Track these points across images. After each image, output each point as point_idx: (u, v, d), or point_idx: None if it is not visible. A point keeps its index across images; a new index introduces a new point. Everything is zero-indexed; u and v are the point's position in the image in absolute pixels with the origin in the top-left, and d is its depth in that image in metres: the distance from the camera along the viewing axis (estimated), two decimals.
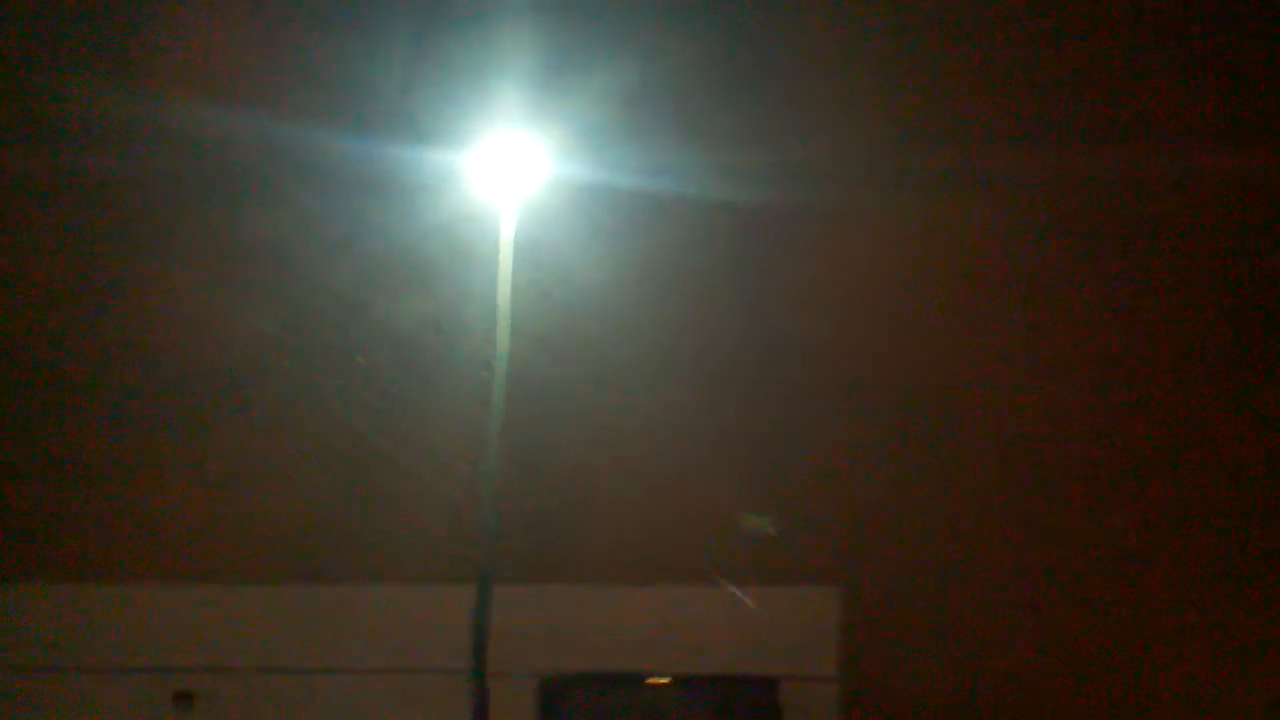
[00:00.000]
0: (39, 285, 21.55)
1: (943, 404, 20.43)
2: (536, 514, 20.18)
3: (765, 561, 20.16)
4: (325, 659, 20.13)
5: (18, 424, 21.35)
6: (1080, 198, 20.60)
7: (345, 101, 20.82)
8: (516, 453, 17.72)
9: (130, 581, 20.65)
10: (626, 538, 20.49)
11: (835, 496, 20.27)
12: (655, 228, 20.63)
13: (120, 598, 20.58)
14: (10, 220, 21.66)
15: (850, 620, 19.86)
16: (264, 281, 21.15)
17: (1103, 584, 19.74)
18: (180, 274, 21.45)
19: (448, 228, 19.25)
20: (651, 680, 20.50)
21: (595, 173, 19.43)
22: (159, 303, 21.52)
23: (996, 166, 20.27)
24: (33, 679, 20.15)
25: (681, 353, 20.85)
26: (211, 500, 20.96)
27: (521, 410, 17.53)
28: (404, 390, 20.83)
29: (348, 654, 20.13)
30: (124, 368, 21.33)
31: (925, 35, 21.23)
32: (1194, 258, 20.60)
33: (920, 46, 21.25)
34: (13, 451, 21.23)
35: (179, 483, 21.04)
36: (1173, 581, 19.64)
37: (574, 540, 20.55)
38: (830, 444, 20.49)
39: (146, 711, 20.03)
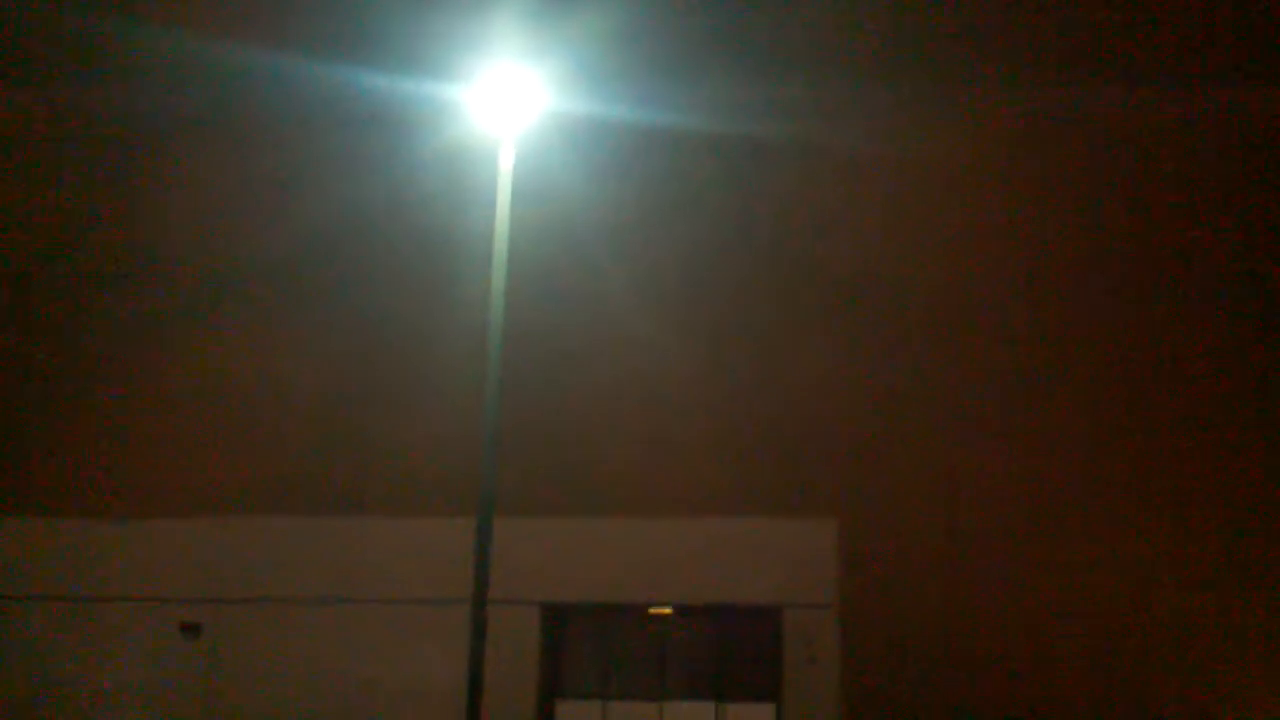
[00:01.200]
0: (44, 226, 21.72)
1: (940, 337, 20.49)
2: (538, 446, 20.33)
3: (765, 494, 20.31)
4: (330, 590, 20.41)
5: (30, 363, 21.56)
6: (1077, 136, 20.55)
7: (344, 35, 20.78)
8: (517, 386, 17.78)
9: (138, 514, 20.92)
10: (628, 470, 20.61)
11: (833, 428, 20.38)
12: (652, 159, 20.66)
13: (128, 530, 20.85)
14: (17, 154, 21.76)
15: (849, 550, 20.01)
16: (266, 215, 21.25)
17: (1096, 515, 19.83)
18: (184, 205, 21.58)
19: (446, 161, 19.27)
20: (654, 610, 20.76)
21: (593, 106, 19.42)
22: (161, 235, 21.67)
23: (988, 103, 20.27)
24: (43, 608, 20.53)
25: (678, 285, 20.91)
26: (218, 434, 21.17)
27: (521, 343, 17.60)
28: (404, 325, 20.93)
29: (352, 585, 20.41)
30: (126, 301, 21.50)
31: None
32: (1196, 196, 20.55)
33: None
34: (25, 390, 21.46)
35: (186, 417, 21.26)
36: (1168, 511, 19.76)
37: (576, 473, 20.67)
38: (827, 376, 20.58)
39: (154, 641, 20.32)
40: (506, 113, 16.47)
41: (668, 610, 20.74)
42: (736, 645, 20.64)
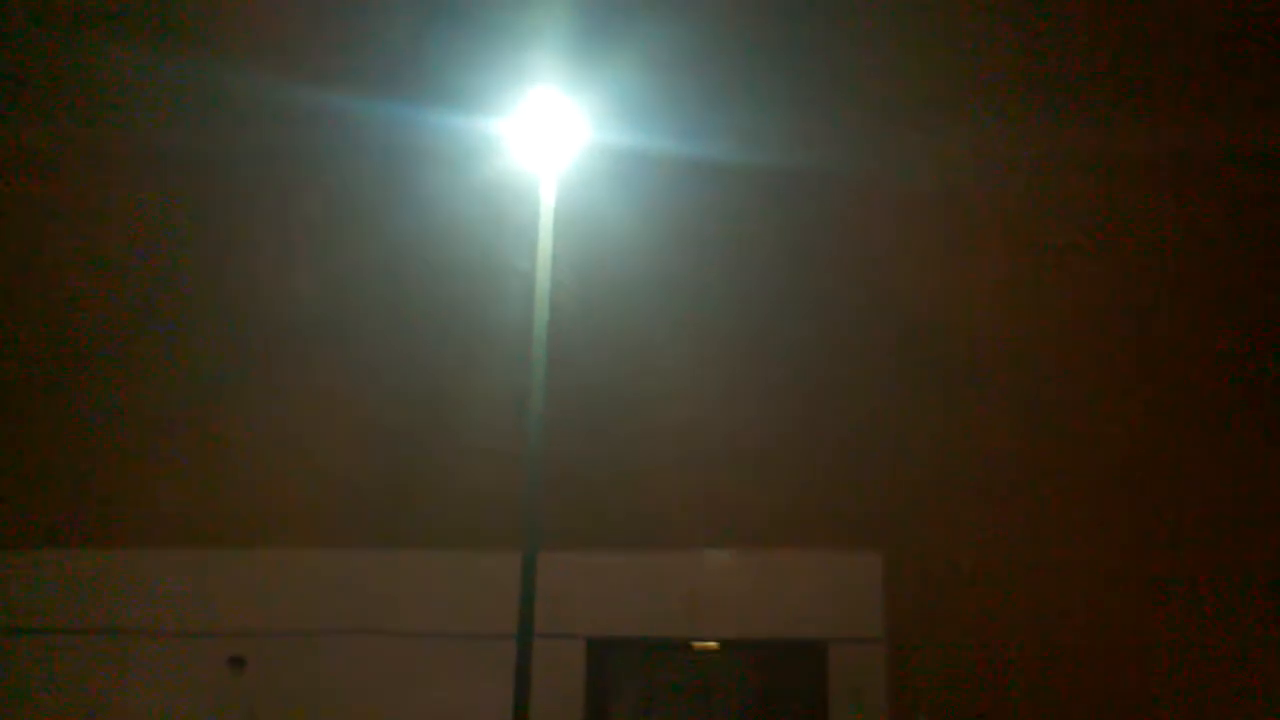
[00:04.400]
0: (93, 264, 21.92)
1: (992, 374, 20.25)
2: (582, 481, 20.26)
3: (810, 526, 20.13)
4: (375, 623, 20.38)
5: (70, 387, 21.73)
6: (1149, 173, 20.25)
7: (382, 68, 20.88)
8: (560, 420, 17.74)
9: (183, 546, 20.97)
10: (672, 503, 20.48)
11: (878, 459, 20.17)
12: (696, 192, 20.56)
13: (173, 562, 20.90)
14: (34, 190, 22.01)
15: (895, 583, 19.79)
16: (305, 250, 21.37)
17: (1137, 545, 19.50)
18: (224, 242, 21.75)
19: (487, 194, 19.31)
20: (699, 645, 20.59)
21: (637, 138, 19.37)
22: (200, 269, 21.81)
23: (1027, 134, 20.05)
24: (87, 642, 20.57)
25: (722, 317, 20.80)
26: (263, 466, 21.24)
27: (564, 376, 17.54)
28: (447, 358, 20.95)
29: (397, 618, 20.39)
30: (166, 333, 21.66)
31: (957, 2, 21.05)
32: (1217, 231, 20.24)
33: (952, 13, 21.01)
34: (64, 415, 21.62)
35: (230, 448, 21.34)
36: (1208, 529, 19.40)
37: (620, 505, 20.56)
38: (872, 407, 20.40)
39: (201, 675, 20.26)
40: (549, 146, 16.46)
41: (713, 645, 20.58)
42: (783, 679, 20.46)
